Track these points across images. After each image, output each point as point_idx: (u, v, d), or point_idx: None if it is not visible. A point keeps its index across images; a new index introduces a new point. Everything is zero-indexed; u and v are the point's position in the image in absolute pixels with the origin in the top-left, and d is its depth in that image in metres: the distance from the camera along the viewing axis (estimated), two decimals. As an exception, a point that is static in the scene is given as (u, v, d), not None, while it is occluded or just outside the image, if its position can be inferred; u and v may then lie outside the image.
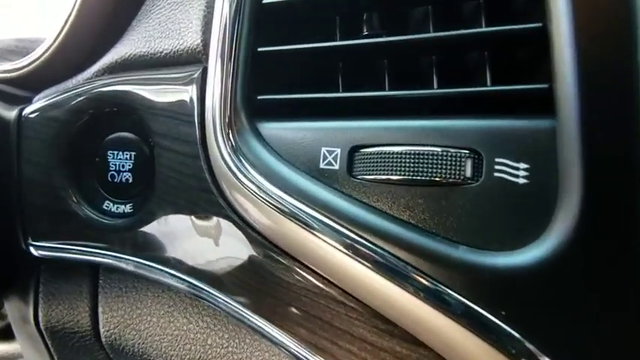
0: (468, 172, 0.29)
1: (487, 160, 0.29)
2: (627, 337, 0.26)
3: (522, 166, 0.28)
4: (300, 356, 0.36)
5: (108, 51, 0.46)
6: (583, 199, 0.26)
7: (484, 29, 0.32)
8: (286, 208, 0.33)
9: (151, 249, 0.42)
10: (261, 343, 0.40)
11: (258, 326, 0.38)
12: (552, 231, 0.26)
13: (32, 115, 0.47)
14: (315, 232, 0.32)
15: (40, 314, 0.51)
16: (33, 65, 0.52)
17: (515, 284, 0.27)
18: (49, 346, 0.53)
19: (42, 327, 0.52)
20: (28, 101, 0.50)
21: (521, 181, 0.28)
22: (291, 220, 0.33)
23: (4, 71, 0.54)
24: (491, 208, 0.28)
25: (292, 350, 0.36)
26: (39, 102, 0.48)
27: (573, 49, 0.27)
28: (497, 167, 0.29)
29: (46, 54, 0.51)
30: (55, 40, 0.49)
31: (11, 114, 0.49)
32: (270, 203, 0.34)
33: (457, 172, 0.29)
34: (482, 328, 0.28)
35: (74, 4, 0.46)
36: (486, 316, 0.28)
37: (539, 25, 0.29)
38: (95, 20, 0.47)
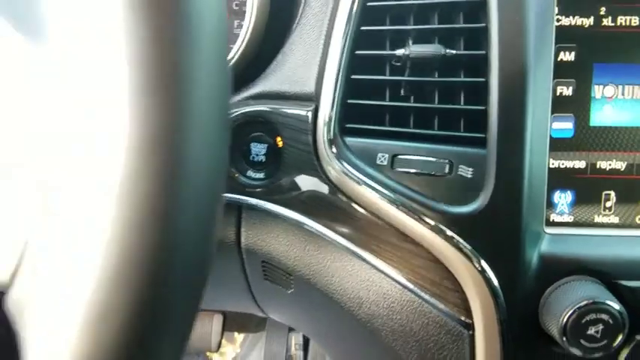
0: (446, 170, 0.65)
1: (455, 166, 0.64)
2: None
3: (470, 169, 0.64)
4: (359, 253, 0.73)
5: (247, 87, 0.80)
6: (494, 185, 0.62)
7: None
8: (357, 179, 0.69)
9: (275, 197, 0.78)
10: (337, 248, 0.77)
11: (335, 240, 0.74)
12: (479, 199, 0.63)
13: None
14: (371, 190, 0.68)
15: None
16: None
17: (464, 220, 0.64)
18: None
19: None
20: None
21: (470, 176, 0.64)
22: (360, 184, 0.69)
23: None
24: (456, 187, 0.64)
25: (355, 250, 0.73)
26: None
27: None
28: (460, 168, 0.64)
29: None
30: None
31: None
32: (349, 176, 0.69)
33: (442, 170, 0.65)
34: (450, 239, 0.65)
35: (238, 49, 0.79)
36: (451, 235, 0.64)
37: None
38: (246, 66, 0.80)
